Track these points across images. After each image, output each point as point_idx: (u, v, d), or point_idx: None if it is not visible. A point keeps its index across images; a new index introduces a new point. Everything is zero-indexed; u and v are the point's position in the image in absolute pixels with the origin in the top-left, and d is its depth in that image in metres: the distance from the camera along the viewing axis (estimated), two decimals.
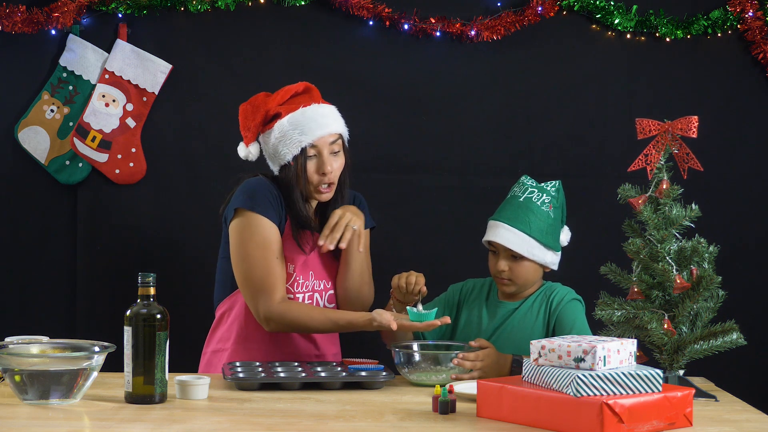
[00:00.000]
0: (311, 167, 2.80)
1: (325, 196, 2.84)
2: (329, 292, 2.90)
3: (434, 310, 2.66)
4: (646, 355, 2.58)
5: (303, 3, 3.73)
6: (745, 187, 3.80)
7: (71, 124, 3.73)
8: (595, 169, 3.77)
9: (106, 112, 3.72)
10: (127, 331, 2.31)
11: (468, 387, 2.46)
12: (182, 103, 3.77)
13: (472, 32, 3.71)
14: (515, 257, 2.86)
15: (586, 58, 3.79)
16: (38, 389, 2.28)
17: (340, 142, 2.83)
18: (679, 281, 2.48)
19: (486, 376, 2.61)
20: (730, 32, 3.75)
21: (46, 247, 3.76)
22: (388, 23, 3.72)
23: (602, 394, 2.08)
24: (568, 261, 3.00)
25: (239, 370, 2.59)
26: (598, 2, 3.72)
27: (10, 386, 2.32)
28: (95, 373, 2.34)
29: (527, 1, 3.73)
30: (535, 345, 2.22)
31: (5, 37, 3.68)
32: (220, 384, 2.55)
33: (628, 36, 3.76)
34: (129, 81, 3.72)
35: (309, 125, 2.78)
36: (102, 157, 3.71)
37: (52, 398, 2.29)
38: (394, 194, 3.76)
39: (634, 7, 3.73)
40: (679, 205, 2.55)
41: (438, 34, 3.72)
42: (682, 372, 2.53)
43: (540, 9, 3.71)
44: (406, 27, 3.72)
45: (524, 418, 2.14)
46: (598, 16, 3.74)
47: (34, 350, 2.42)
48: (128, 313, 2.32)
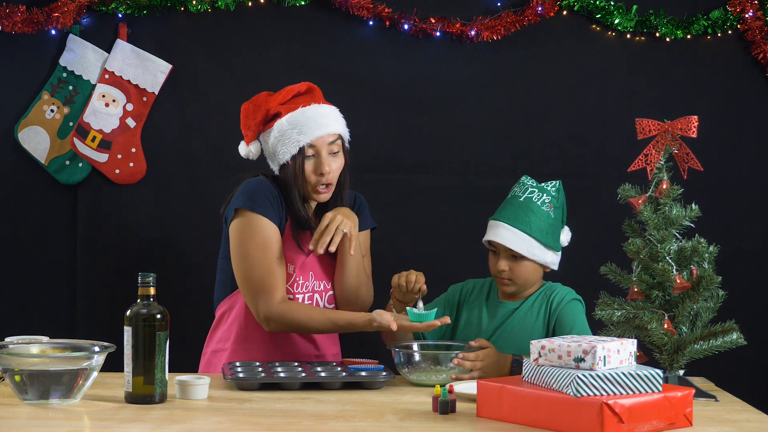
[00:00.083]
0: (309, 167, 2.80)
1: (323, 197, 2.84)
2: (329, 292, 2.90)
3: (434, 310, 2.66)
4: (646, 355, 2.58)
5: (303, 3, 3.73)
6: (745, 187, 3.80)
7: (71, 124, 3.73)
8: (595, 169, 3.77)
9: (106, 112, 3.72)
10: (127, 331, 2.31)
11: (468, 387, 2.46)
12: (182, 103, 3.77)
13: (472, 32, 3.71)
14: (515, 257, 2.86)
15: (586, 58, 3.79)
16: (38, 389, 2.28)
17: (340, 142, 2.83)
18: (679, 281, 2.48)
19: (486, 376, 2.61)
20: (730, 32, 3.75)
21: (46, 247, 3.76)
22: (388, 23, 3.72)
23: (602, 394, 2.08)
24: (568, 261, 3.00)
25: (239, 370, 2.59)
26: (598, 2, 3.72)
27: (10, 386, 2.32)
28: (95, 373, 2.34)
29: (527, 1, 3.73)
30: (535, 345, 2.22)
31: (5, 37, 3.68)
32: (220, 384, 2.55)
33: (628, 36, 3.76)
34: (129, 81, 3.72)
35: (308, 125, 2.78)
36: (102, 157, 3.71)
37: (52, 398, 2.29)
38: (394, 194, 3.76)
39: (634, 7, 3.73)
40: (679, 205, 2.55)
41: (438, 34, 3.72)
42: (682, 372, 2.53)
43: (540, 9, 3.71)
44: (406, 27, 3.72)
45: (524, 418, 2.14)
46: (598, 16, 3.74)
47: (34, 350, 2.42)
48: (128, 313, 2.32)
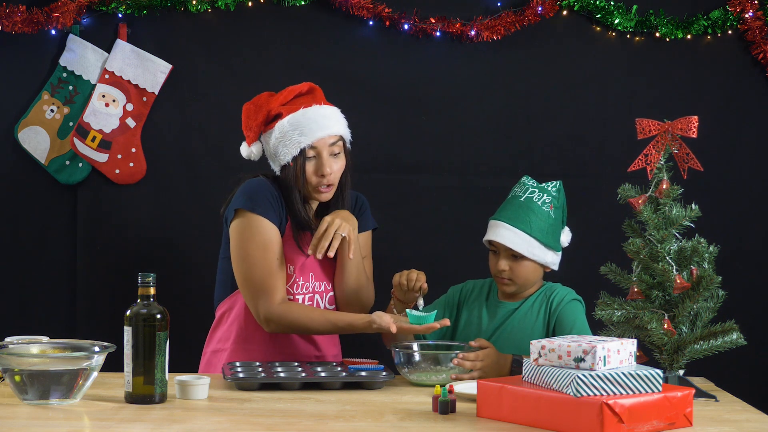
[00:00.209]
0: (310, 168, 2.79)
1: (325, 196, 2.84)
2: (329, 293, 2.90)
3: (433, 312, 2.66)
4: (646, 355, 2.58)
5: (303, 3, 3.73)
6: (745, 187, 3.80)
7: (71, 124, 3.73)
8: (595, 169, 3.77)
9: (106, 112, 3.72)
10: (127, 331, 2.31)
11: (468, 387, 2.46)
12: (182, 103, 3.77)
13: (472, 32, 3.71)
14: (516, 257, 2.86)
15: (586, 58, 3.79)
16: (38, 389, 2.28)
17: (341, 143, 2.83)
18: (679, 281, 2.48)
19: (486, 376, 2.61)
20: (730, 32, 3.75)
21: (46, 247, 3.76)
22: (388, 23, 3.72)
23: (602, 394, 2.08)
24: (568, 261, 3.00)
25: (239, 370, 2.59)
26: (598, 2, 3.72)
27: (10, 386, 2.32)
28: (95, 373, 2.34)
29: (527, 1, 3.73)
30: (535, 345, 2.22)
31: (5, 37, 3.68)
32: (220, 384, 2.55)
33: (628, 36, 3.76)
34: (129, 81, 3.72)
35: (309, 126, 2.78)
36: (102, 157, 3.71)
37: (52, 398, 2.29)
38: (394, 194, 3.76)
39: (634, 7, 3.73)
40: (679, 205, 2.55)
41: (438, 34, 3.72)
42: (682, 372, 2.53)
43: (540, 9, 3.71)
44: (406, 27, 3.72)
45: (524, 418, 2.14)
46: (598, 16, 3.74)
47: (34, 350, 2.42)
48: (128, 313, 2.32)
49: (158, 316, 2.31)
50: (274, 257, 2.77)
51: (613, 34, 3.76)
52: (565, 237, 2.94)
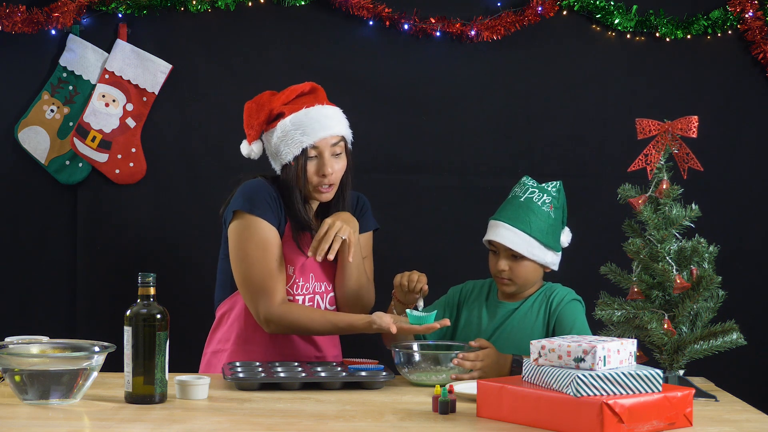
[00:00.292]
0: (311, 168, 2.79)
1: (326, 196, 2.84)
2: (330, 294, 2.90)
3: (433, 313, 2.66)
4: (646, 355, 2.58)
5: (303, 3, 3.73)
6: (745, 187, 3.80)
7: (71, 124, 3.73)
8: (595, 169, 3.77)
9: (106, 112, 3.72)
10: (127, 331, 2.31)
11: (468, 387, 2.46)
12: (182, 103, 3.77)
13: (472, 32, 3.71)
14: (515, 257, 2.86)
15: (586, 58, 3.79)
16: (38, 389, 2.28)
17: (343, 144, 2.83)
18: (679, 281, 2.48)
19: (486, 376, 2.61)
20: (730, 32, 3.75)
21: (46, 247, 3.76)
22: (388, 23, 3.72)
23: (602, 394, 2.08)
24: (568, 261, 3.00)
25: (239, 370, 2.59)
26: (598, 2, 3.72)
27: (10, 386, 2.32)
28: (95, 373, 2.34)
29: (527, 1, 3.73)
30: (535, 345, 2.22)
31: (5, 37, 3.68)
32: (220, 384, 2.55)
33: (628, 36, 3.76)
34: (129, 81, 3.72)
35: (311, 126, 2.78)
36: (102, 157, 3.71)
37: (52, 398, 2.29)
38: (394, 194, 3.76)
39: (634, 7, 3.73)
40: (679, 205, 2.55)
41: (438, 34, 3.72)
42: (682, 372, 2.53)
43: (540, 9, 3.71)
44: (406, 27, 3.72)
45: (524, 418, 2.14)
46: (598, 16, 3.74)
47: (34, 350, 2.42)
48: (128, 313, 2.32)
49: (158, 316, 2.31)
50: (273, 258, 2.76)
51: (613, 34, 3.76)
52: (565, 237, 2.94)
